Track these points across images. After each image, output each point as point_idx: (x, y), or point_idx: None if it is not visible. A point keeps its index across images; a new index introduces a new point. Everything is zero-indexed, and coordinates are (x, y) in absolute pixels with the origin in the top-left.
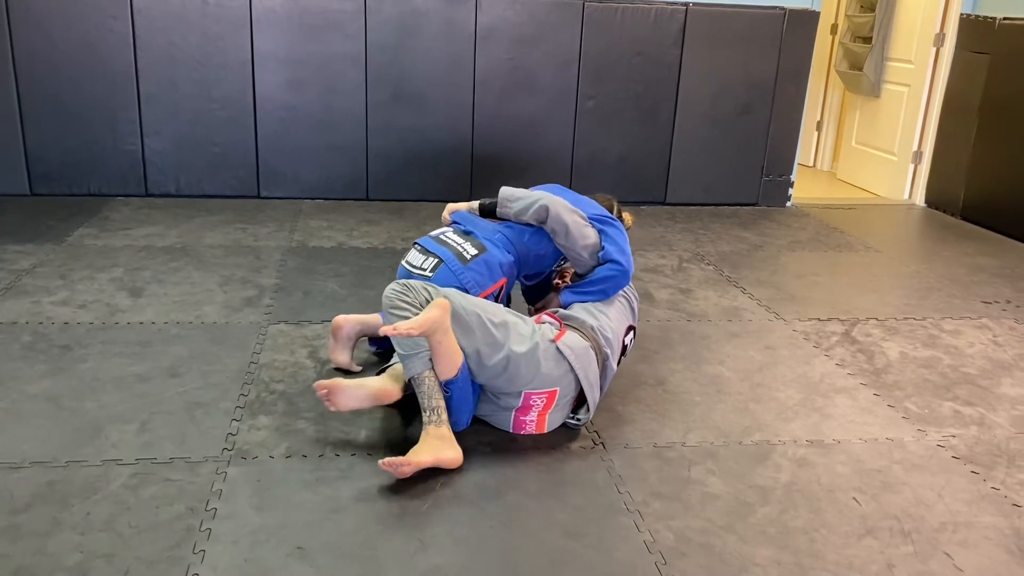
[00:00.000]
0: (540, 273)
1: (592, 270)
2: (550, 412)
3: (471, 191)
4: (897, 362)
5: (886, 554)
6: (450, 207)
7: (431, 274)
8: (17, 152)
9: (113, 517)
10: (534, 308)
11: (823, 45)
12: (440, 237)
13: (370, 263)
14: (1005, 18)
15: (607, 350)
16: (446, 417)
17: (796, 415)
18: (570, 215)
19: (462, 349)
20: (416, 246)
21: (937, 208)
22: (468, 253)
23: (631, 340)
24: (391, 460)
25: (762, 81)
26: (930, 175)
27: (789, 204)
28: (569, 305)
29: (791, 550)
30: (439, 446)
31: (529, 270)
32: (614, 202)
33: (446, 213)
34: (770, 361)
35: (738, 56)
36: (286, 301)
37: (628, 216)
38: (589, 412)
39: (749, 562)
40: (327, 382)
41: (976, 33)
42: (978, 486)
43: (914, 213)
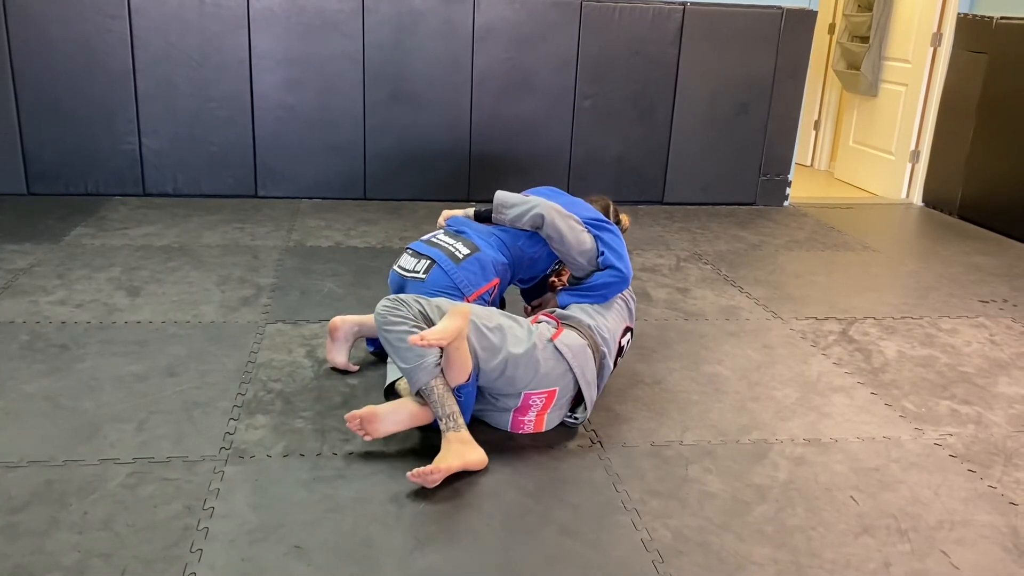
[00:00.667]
0: (535, 277)
1: (589, 275)
2: (548, 412)
3: (469, 191)
4: (894, 361)
5: (883, 552)
6: (445, 213)
7: (424, 276)
8: (14, 151)
9: (111, 516)
10: (531, 307)
11: (821, 44)
12: (431, 239)
13: (368, 263)
14: (1002, 17)
15: (604, 349)
16: (462, 421)
17: (793, 414)
18: (565, 221)
19: None
20: (408, 250)
21: (934, 207)
22: (460, 253)
23: (628, 341)
24: (419, 471)
25: (760, 80)
26: (928, 174)
27: (787, 203)
28: (566, 307)
29: (788, 548)
30: (463, 450)
31: (524, 274)
32: (610, 204)
33: (441, 219)
34: (768, 360)
35: (736, 56)
36: (284, 300)
37: (624, 218)
38: (586, 411)
39: (746, 560)
40: (359, 412)
41: (974, 32)
42: (975, 484)
43: (911, 212)
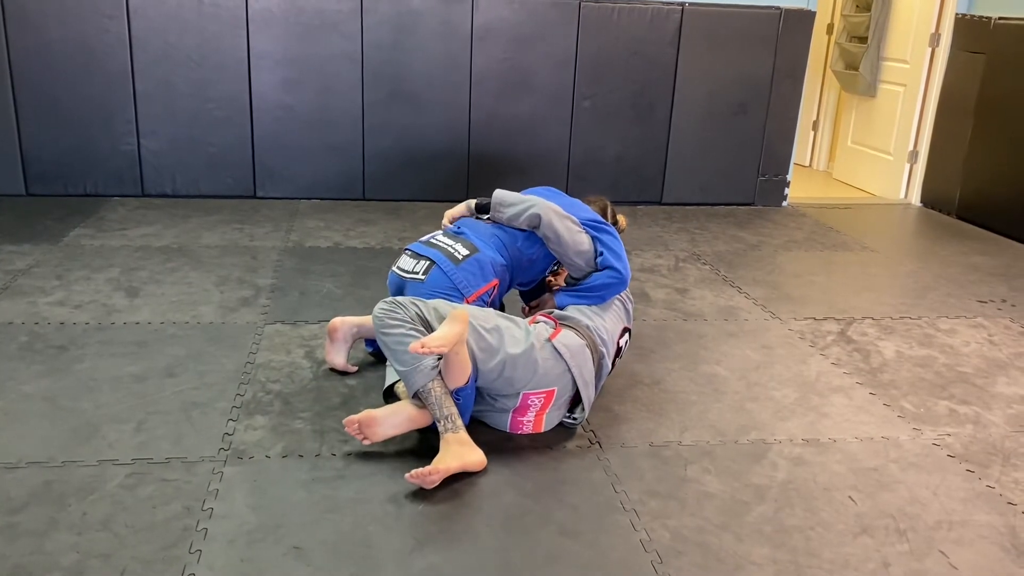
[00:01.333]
0: (533, 280)
1: (587, 275)
2: (547, 412)
3: (468, 191)
4: (893, 361)
5: (882, 552)
6: (448, 214)
7: (423, 277)
8: (13, 152)
9: (110, 517)
10: (529, 307)
11: (819, 45)
12: (430, 240)
13: (367, 263)
14: (1000, 18)
15: (603, 349)
16: (461, 422)
17: (792, 414)
18: (562, 222)
19: None
20: (407, 252)
21: (933, 207)
22: (459, 254)
23: (626, 342)
24: (417, 472)
25: (758, 81)
26: (926, 174)
27: (785, 204)
28: (564, 307)
29: (787, 549)
30: (462, 452)
31: (523, 276)
32: (608, 204)
33: (446, 220)
34: (766, 360)
35: (734, 56)
36: (282, 301)
37: (622, 218)
38: (584, 411)
39: (745, 561)
40: (357, 417)
41: (972, 33)
42: (973, 484)
43: (910, 212)
